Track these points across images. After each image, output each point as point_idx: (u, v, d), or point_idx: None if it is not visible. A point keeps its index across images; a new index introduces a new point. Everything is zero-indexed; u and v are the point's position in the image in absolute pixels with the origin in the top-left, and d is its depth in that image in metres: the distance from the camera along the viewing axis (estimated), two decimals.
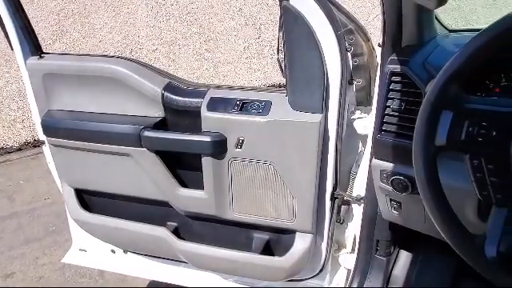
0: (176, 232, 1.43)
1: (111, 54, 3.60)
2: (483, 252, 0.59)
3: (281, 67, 1.21)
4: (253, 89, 1.27)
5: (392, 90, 0.89)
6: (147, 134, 1.25)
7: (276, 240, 1.34)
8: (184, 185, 1.35)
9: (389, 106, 0.89)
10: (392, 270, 1.33)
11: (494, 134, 0.59)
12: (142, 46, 3.91)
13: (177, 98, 1.26)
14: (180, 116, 1.28)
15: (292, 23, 1.05)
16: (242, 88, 1.28)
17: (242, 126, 1.18)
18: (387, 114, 0.90)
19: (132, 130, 1.26)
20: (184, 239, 1.43)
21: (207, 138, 1.20)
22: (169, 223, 1.44)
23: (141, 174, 1.34)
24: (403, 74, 0.87)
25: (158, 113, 1.29)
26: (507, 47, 0.60)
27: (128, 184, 1.39)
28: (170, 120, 1.30)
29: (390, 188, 0.95)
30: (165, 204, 1.39)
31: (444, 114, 0.63)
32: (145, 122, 1.28)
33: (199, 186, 1.30)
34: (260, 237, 1.35)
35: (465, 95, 0.65)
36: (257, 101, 1.20)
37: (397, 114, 0.88)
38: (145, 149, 1.27)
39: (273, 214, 1.27)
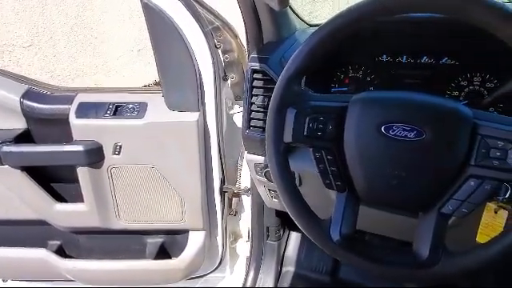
0: (60, 251, 1.31)
1: None
2: (330, 235, 0.65)
3: None
4: (127, 90, 1.21)
5: (255, 87, 0.92)
6: (7, 149, 1.11)
7: (170, 242, 1.32)
8: (62, 199, 1.24)
9: (253, 103, 0.92)
10: (284, 251, 1.41)
11: (330, 127, 0.65)
12: (13, 42, 3.44)
13: (39, 105, 1.14)
14: (46, 126, 1.16)
15: (155, 22, 1.02)
16: (114, 90, 1.21)
17: (118, 131, 1.12)
18: (253, 111, 0.93)
19: None
20: (71, 257, 1.32)
21: (80, 148, 1.11)
22: (50, 243, 1.32)
23: (7, 193, 1.19)
24: (263, 71, 0.90)
25: (18, 124, 1.15)
26: (344, 42, 0.65)
27: None
28: (34, 131, 1.17)
29: (265, 179, 1.00)
30: (42, 223, 1.26)
31: (289, 111, 0.67)
32: (3, 136, 1.13)
33: (80, 198, 1.21)
34: (153, 241, 1.31)
35: (306, 92, 0.70)
36: (131, 103, 1.15)
37: (261, 110, 0.91)
38: (7, 166, 1.13)
39: (163, 217, 1.24)
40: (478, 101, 0.84)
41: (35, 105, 1.13)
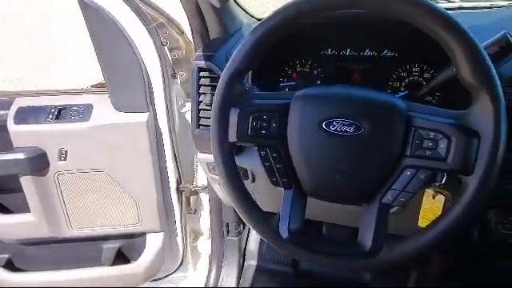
0: (9, 264, 1.24)
1: None
2: (278, 232, 0.66)
3: None
4: (70, 92, 1.15)
5: (202, 85, 0.90)
6: None
7: (128, 246, 1.28)
8: (7, 210, 1.17)
9: (201, 101, 0.90)
10: (246, 246, 1.42)
11: (274, 125, 0.65)
12: None
13: None
14: None
15: (95, 20, 0.97)
16: (57, 93, 1.14)
17: (62, 136, 1.07)
18: (202, 109, 0.91)
19: None
20: (21, 270, 1.25)
21: (20, 156, 1.05)
22: None
23: None
24: (209, 69, 0.88)
25: None
26: (289, 37, 0.65)
27: None
28: None
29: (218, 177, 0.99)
30: None
31: (232, 110, 0.66)
32: None
33: (27, 208, 1.15)
34: (109, 247, 1.27)
35: (249, 91, 0.69)
36: (76, 106, 1.09)
37: (210, 108, 0.90)
38: None
39: (117, 222, 1.20)
40: (417, 91, 0.88)
41: None
